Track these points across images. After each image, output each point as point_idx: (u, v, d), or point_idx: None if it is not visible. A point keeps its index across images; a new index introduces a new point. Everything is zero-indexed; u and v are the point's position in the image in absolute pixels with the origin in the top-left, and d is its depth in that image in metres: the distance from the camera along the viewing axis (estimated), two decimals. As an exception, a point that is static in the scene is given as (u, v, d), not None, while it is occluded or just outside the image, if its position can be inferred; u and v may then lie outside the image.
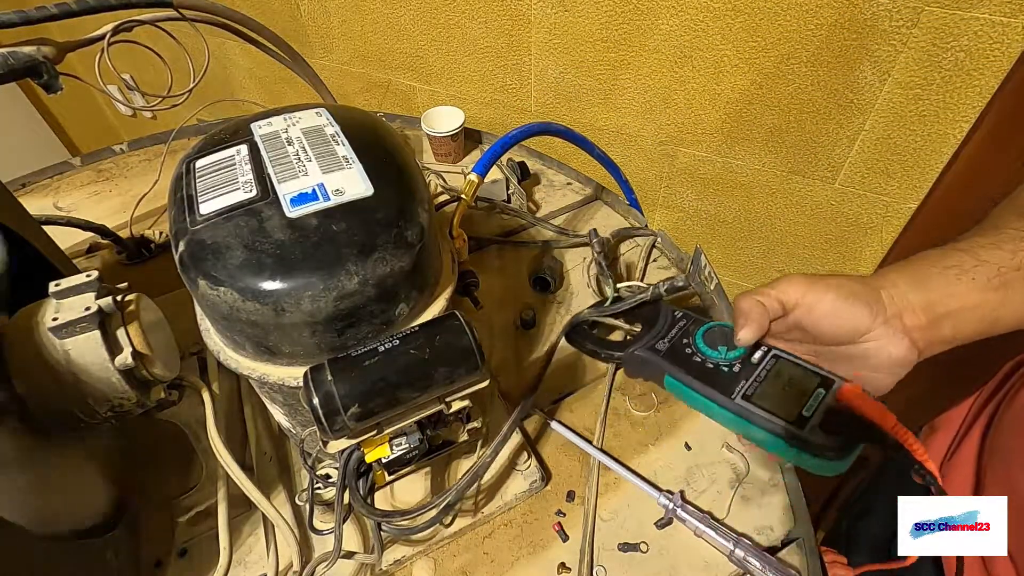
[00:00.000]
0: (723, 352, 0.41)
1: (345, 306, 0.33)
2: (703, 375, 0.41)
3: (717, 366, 0.41)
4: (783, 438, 0.36)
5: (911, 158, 0.82)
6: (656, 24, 0.85)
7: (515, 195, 0.76)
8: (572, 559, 0.46)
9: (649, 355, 0.44)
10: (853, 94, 0.79)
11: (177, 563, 0.45)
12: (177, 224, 0.35)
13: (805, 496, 0.48)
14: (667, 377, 0.43)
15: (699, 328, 0.44)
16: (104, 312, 0.37)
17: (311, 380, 0.33)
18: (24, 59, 0.41)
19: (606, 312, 0.56)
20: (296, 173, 0.36)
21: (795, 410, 0.37)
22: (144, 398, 0.39)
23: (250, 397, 0.53)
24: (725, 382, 0.40)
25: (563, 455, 0.52)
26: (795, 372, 0.39)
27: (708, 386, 0.40)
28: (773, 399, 0.38)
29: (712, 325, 0.44)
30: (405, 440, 0.39)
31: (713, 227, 1.08)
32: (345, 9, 1.09)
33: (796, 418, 0.36)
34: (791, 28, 0.77)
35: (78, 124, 1.84)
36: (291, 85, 1.30)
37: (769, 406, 0.37)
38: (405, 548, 0.46)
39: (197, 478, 0.48)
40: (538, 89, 1.03)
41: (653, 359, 0.44)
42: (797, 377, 0.38)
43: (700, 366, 0.41)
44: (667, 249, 0.70)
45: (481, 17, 0.97)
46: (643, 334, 0.47)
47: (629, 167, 1.05)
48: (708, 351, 0.42)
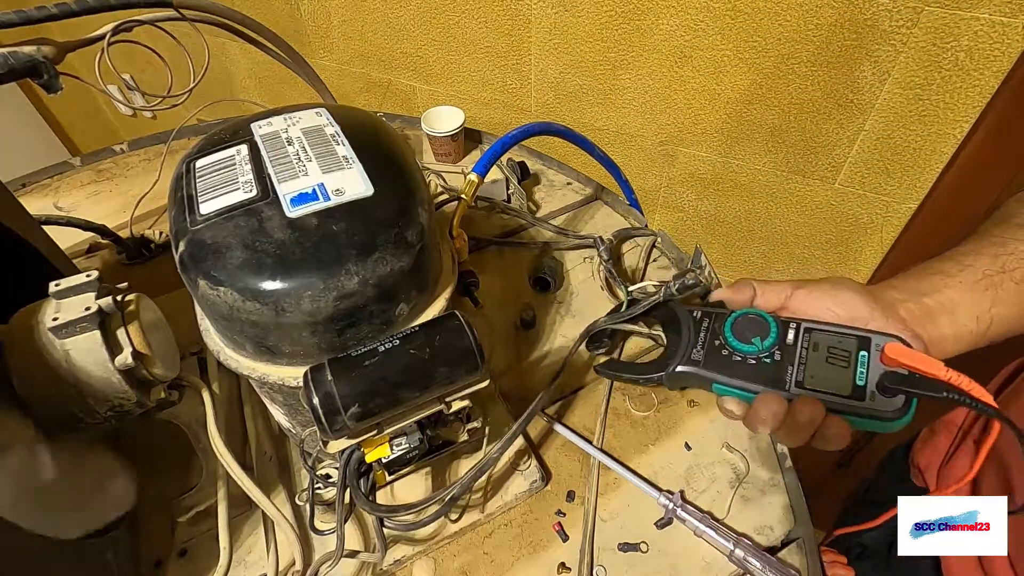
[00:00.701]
0: (758, 343, 0.41)
1: (345, 306, 0.33)
2: (749, 374, 0.40)
3: (759, 359, 0.41)
4: (849, 413, 0.37)
5: (911, 158, 0.82)
6: (656, 24, 0.85)
7: (515, 195, 0.76)
8: (572, 559, 0.46)
9: (690, 369, 0.44)
10: (853, 94, 0.79)
11: (177, 563, 0.45)
12: (177, 224, 0.35)
13: (805, 496, 0.48)
14: (715, 385, 0.42)
15: (724, 323, 0.44)
16: (104, 312, 0.37)
17: (311, 380, 0.33)
18: (24, 59, 0.41)
19: (622, 318, 0.54)
20: (296, 173, 0.36)
21: (848, 382, 0.37)
22: (144, 398, 0.39)
23: (250, 397, 0.53)
24: (773, 375, 0.39)
25: (563, 455, 0.52)
26: (831, 340, 0.39)
27: (759, 384, 0.40)
28: (824, 377, 0.38)
29: (735, 316, 0.43)
30: (405, 440, 0.39)
31: (713, 227, 1.08)
32: (345, 9, 1.09)
33: (852, 390, 0.37)
34: (791, 28, 0.77)
35: (78, 124, 1.84)
36: (291, 85, 1.30)
37: (823, 387, 0.38)
38: (405, 548, 0.46)
39: (197, 478, 0.48)
40: (538, 89, 1.03)
41: (695, 372, 0.43)
42: (835, 345, 0.39)
43: (742, 365, 0.41)
44: (667, 249, 0.70)
45: (481, 17, 0.97)
46: (673, 346, 0.46)
47: (629, 167, 1.05)
48: (743, 347, 0.41)
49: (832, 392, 0.37)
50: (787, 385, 0.39)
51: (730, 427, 0.53)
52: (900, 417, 0.36)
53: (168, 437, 0.48)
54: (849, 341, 0.38)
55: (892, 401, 0.36)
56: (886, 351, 0.36)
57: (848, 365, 0.38)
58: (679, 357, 0.45)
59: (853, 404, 0.36)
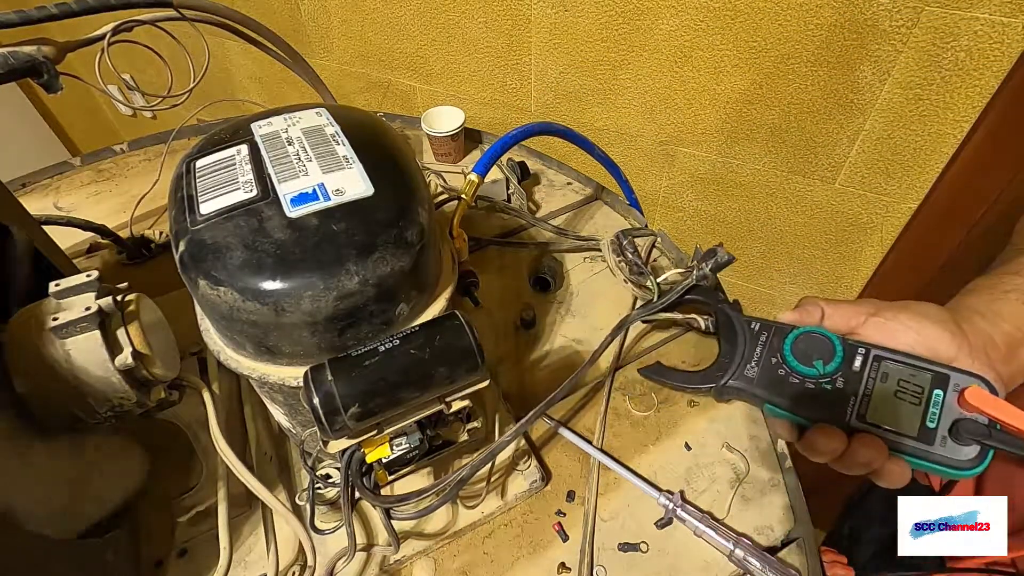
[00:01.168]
0: (820, 367, 0.37)
1: (345, 306, 0.33)
2: (806, 400, 0.36)
3: (818, 384, 0.36)
4: (912, 456, 0.33)
5: (911, 158, 0.82)
6: (656, 24, 0.85)
7: (515, 195, 0.76)
8: (572, 559, 0.46)
9: (743, 385, 0.40)
10: (853, 94, 0.79)
11: (177, 563, 0.45)
12: (177, 224, 0.35)
13: (805, 496, 0.48)
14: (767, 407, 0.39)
15: (785, 340, 0.39)
16: (104, 312, 0.37)
17: (311, 380, 0.33)
18: (24, 59, 0.41)
19: (656, 309, 0.52)
20: (296, 173, 0.36)
21: (917, 422, 0.34)
22: (144, 398, 0.39)
23: (250, 397, 0.53)
24: (833, 404, 0.35)
25: (563, 455, 0.52)
26: (904, 373, 0.35)
27: (815, 411, 0.36)
28: (890, 413, 0.34)
29: (798, 333, 0.39)
30: (405, 440, 0.39)
31: (713, 227, 1.08)
32: (345, 9, 1.09)
33: (920, 432, 0.33)
34: (791, 28, 0.77)
35: (78, 124, 1.84)
36: (291, 85, 1.31)
37: (888, 423, 0.34)
38: (405, 548, 0.46)
39: (197, 478, 0.48)
40: (538, 89, 1.03)
41: (748, 389, 0.40)
42: (907, 379, 0.35)
43: (799, 388, 0.37)
44: (667, 249, 0.70)
45: (481, 17, 0.97)
46: (727, 357, 0.43)
47: (629, 167, 1.05)
48: (803, 368, 0.37)
49: (897, 431, 0.34)
50: (847, 417, 0.35)
51: (730, 427, 0.53)
52: (973, 468, 0.32)
53: (168, 437, 0.48)
54: (924, 376, 0.34)
55: (965, 449, 0.32)
56: (966, 395, 0.33)
57: (919, 403, 0.34)
58: (731, 371, 0.41)
59: (920, 448, 0.33)
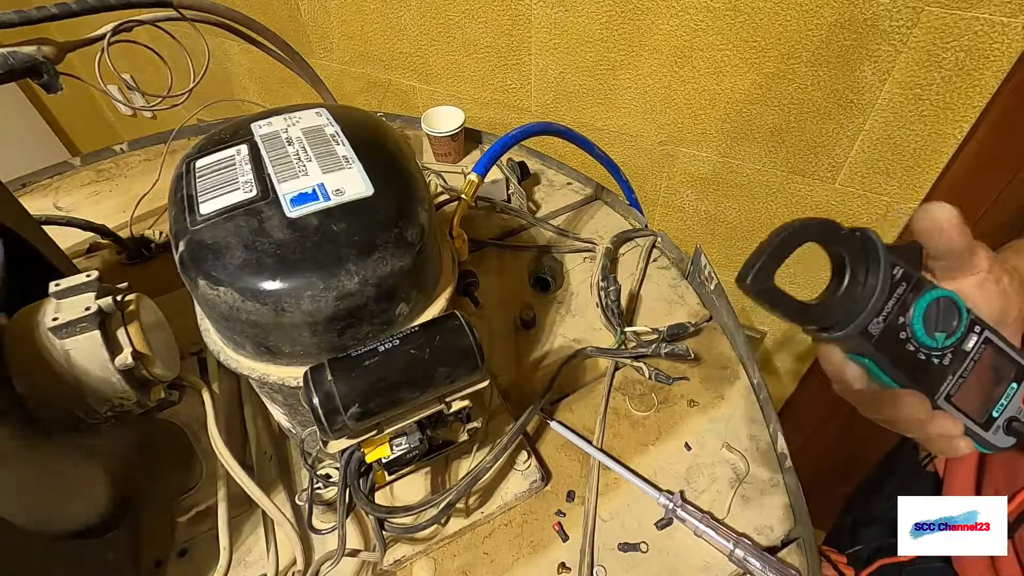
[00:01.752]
0: (940, 340, 0.35)
1: (345, 306, 0.33)
2: (913, 369, 0.35)
3: (929, 357, 0.35)
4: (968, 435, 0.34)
5: (911, 158, 0.82)
6: (656, 24, 0.85)
7: (515, 195, 0.76)
8: (572, 559, 0.46)
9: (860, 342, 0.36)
10: (853, 94, 0.79)
11: (177, 563, 0.45)
12: (177, 224, 0.35)
13: (805, 496, 0.48)
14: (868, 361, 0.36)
15: (918, 302, 0.35)
16: (104, 312, 0.37)
17: (311, 380, 0.33)
18: (24, 59, 0.41)
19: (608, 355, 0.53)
20: (296, 173, 0.36)
21: (985, 409, 0.35)
22: (144, 398, 0.39)
23: (250, 397, 0.53)
24: (933, 379, 0.35)
25: (563, 455, 0.52)
26: (998, 361, 0.35)
27: (912, 382, 0.35)
28: (970, 398, 0.35)
29: (933, 297, 0.35)
30: (405, 440, 0.39)
31: (713, 227, 1.07)
32: (345, 9, 1.09)
33: (984, 419, 0.34)
34: (791, 28, 0.77)
35: (78, 124, 1.84)
36: (291, 85, 1.30)
37: (965, 407, 0.35)
38: (405, 548, 0.46)
39: (197, 478, 0.48)
40: (538, 89, 1.03)
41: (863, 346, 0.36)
42: (997, 367, 0.35)
43: (912, 358, 0.35)
44: (667, 249, 0.70)
45: (481, 17, 0.97)
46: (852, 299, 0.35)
47: (629, 167, 1.04)
48: (925, 339, 0.35)
49: (968, 415, 0.34)
50: (937, 395, 0.34)
51: (730, 427, 0.53)
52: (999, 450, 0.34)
53: (168, 437, 0.48)
54: (1010, 368, 0.35)
55: (1005, 438, 0.34)
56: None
57: (995, 392, 0.35)
58: (858, 322, 0.35)
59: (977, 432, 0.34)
